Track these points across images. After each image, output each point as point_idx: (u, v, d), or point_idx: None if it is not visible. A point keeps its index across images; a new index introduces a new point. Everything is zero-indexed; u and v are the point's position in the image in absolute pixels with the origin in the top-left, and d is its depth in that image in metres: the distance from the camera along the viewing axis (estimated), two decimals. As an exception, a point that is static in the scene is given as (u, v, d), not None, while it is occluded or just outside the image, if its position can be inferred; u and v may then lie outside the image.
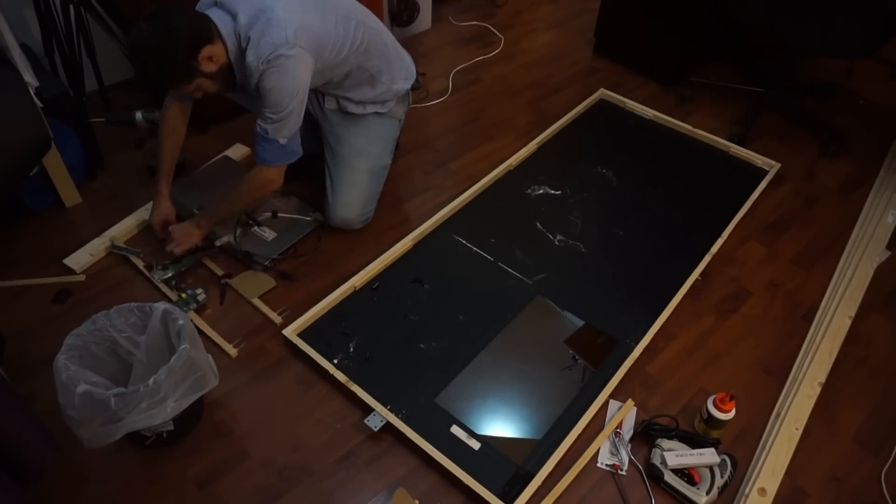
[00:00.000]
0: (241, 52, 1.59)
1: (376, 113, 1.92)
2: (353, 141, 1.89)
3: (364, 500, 1.39)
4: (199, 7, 1.65)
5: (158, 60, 1.51)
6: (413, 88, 2.01)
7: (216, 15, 1.58)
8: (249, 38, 1.56)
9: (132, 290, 1.76)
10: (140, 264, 1.81)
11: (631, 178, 2.21)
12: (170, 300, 1.72)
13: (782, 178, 2.25)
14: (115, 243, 1.85)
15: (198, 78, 1.57)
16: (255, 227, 1.88)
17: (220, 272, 1.81)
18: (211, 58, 1.56)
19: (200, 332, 1.66)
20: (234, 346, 1.64)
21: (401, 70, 1.93)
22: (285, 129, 1.66)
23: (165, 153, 1.85)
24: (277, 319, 1.70)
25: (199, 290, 1.74)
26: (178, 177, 2.09)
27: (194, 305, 1.71)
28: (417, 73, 2.03)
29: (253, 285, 1.78)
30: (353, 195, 1.88)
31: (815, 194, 2.20)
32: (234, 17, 1.58)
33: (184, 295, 1.72)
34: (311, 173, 2.08)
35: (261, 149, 1.70)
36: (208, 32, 1.55)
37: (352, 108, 1.89)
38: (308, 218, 1.94)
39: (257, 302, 1.74)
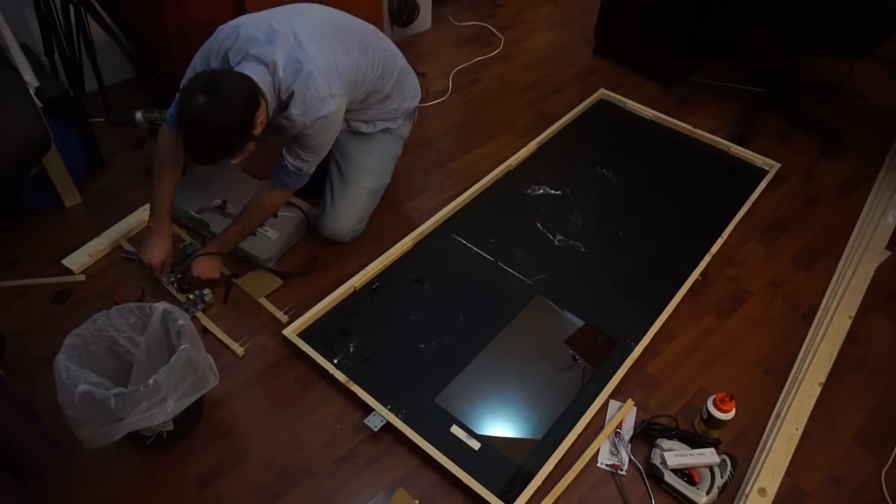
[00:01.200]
0: (280, 103, 1.56)
1: (383, 130, 1.92)
2: (360, 160, 1.89)
3: (364, 500, 1.39)
4: (216, 53, 1.58)
5: (221, 134, 1.43)
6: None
7: (253, 70, 1.51)
8: (293, 92, 1.53)
9: (132, 290, 1.76)
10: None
11: (631, 178, 2.21)
12: (178, 302, 1.72)
13: (782, 178, 2.25)
14: (126, 248, 1.85)
15: (249, 143, 1.52)
16: (259, 228, 1.88)
17: (227, 272, 1.81)
18: (262, 122, 1.51)
19: (207, 331, 1.67)
20: (241, 345, 1.64)
21: (410, 88, 1.94)
22: (316, 163, 1.71)
23: (166, 188, 1.73)
24: (283, 318, 1.70)
25: (207, 291, 1.74)
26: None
27: (202, 306, 1.71)
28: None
29: (259, 285, 1.78)
30: (351, 211, 1.88)
31: (815, 194, 2.20)
32: (270, 67, 1.52)
33: (192, 296, 1.72)
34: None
35: (288, 179, 1.70)
36: (256, 95, 1.48)
37: (362, 127, 1.89)
38: (305, 216, 1.95)
39: (263, 301, 1.74)
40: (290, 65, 1.53)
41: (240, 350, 1.63)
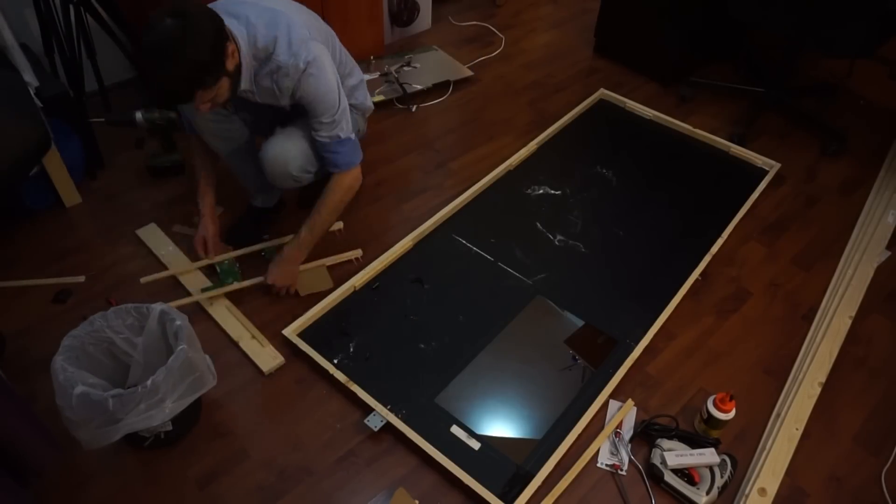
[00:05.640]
0: (261, 56, 1.52)
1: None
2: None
3: (364, 500, 1.39)
4: None
5: (195, 59, 1.34)
6: None
7: (223, 17, 1.46)
8: (276, 37, 1.50)
9: (132, 291, 1.76)
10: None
11: (631, 178, 2.21)
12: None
13: (782, 178, 2.24)
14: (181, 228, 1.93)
15: (222, 77, 1.43)
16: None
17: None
18: (233, 53, 1.44)
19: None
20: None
21: (366, 98, 1.89)
22: (346, 121, 1.64)
23: (206, 180, 1.80)
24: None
25: (237, 266, 1.80)
26: (179, 176, 2.09)
27: (231, 280, 1.75)
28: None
29: (309, 282, 1.80)
30: (291, 143, 1.68)
31: (815, 194, 2.20)
32: (241, 19, 1.49)
33: (225, 263, 1.78)
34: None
35: (337, 156, 1.65)
36: (223, 25, 1.41)
37: None
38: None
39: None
40: (264, 16, 1.51)
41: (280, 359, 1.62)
